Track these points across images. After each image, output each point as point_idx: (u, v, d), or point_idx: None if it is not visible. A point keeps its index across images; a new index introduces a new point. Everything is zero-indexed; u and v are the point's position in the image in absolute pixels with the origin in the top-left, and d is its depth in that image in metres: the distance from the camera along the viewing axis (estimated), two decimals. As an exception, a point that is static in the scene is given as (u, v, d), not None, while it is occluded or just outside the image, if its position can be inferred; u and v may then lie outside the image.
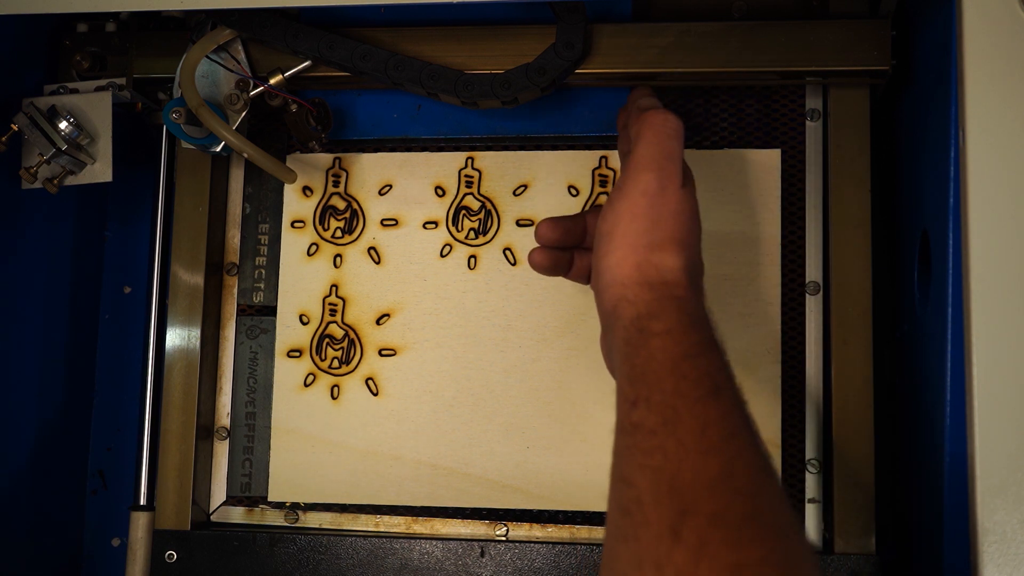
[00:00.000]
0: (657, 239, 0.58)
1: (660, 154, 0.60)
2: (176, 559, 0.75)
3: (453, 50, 0.74)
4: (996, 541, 0.56)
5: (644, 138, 0.61)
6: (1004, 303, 0.57)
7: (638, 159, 0.60)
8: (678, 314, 0.55)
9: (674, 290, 0.57)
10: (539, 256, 0.67)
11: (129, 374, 0.91)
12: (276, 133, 0.81)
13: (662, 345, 0.54)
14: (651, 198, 0.59)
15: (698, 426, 0.50)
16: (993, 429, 0.56)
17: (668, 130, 0.61)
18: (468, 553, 0.73)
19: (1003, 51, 0.58)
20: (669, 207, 0.59)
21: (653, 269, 0.57)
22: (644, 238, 0.58)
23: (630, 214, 0.59)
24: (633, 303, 0.56)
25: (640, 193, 0.59)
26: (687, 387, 0.52)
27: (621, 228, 0.59)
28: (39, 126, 0.75)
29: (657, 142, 0.60)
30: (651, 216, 0.59)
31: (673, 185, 0.60)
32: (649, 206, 0.59)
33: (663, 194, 0.59)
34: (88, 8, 0.66)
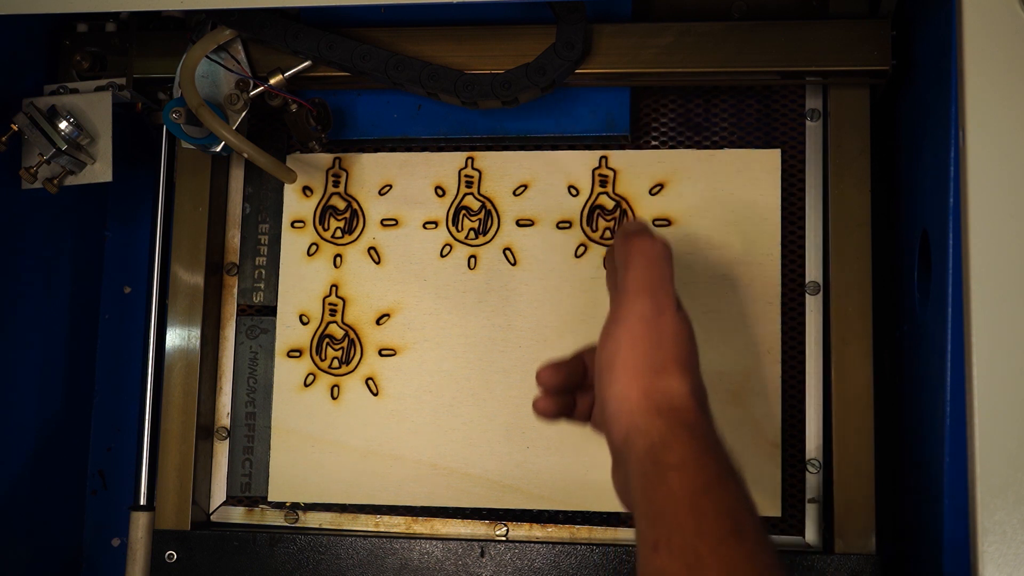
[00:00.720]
0: (660, 363, 0.56)
1: (652, 278, 0.59)
2: (176, 559, 0.75)
3: (453, 50, 0.74)
4: (996, 541, 0.56)
5: (634, 263, 0.59)
6: (1004, 303, 0.57)
7: (630, 285, 0.59)
8: (691, 442, 0.54)
9: (685, 416, 0.55)
10: (545, 405, 0.64)
11: (129, 374, 0.91)
12: (276, 133, 0.81)
13: (678, 479, 0.52)
14: (649, 322, 0.57)
15: (724, 571, 0.49)
16: (993, 429, 0.56)
17: (656, 254, 0.59)
18: (468, 553, 0.73)
19: (1003, 51, 0.58)
20: (668, 330, 0.57)
21: (661, 395, 0.56)
22: (647, 363, 0.56)
23: (630, 340, 0.57)
24: (645, 433, 0.54)
25: (637, 318, 0.57)
26: (708, 526, 0.50)
27: (622, 356, 0.57)
28: (39, 126, 0.75)
29: (647, 266, 0.59)
30: (651, 340, 0.57)
31: (669, 308, 0.58)
32: (648, 330, 0.57)
33: (660, 317, 0.57)
34: (88, 8, 0.66)
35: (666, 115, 0.78)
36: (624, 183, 0.77)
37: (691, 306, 0.74)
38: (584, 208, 0.77)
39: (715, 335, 0.74)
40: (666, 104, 0.78)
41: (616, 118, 0.76)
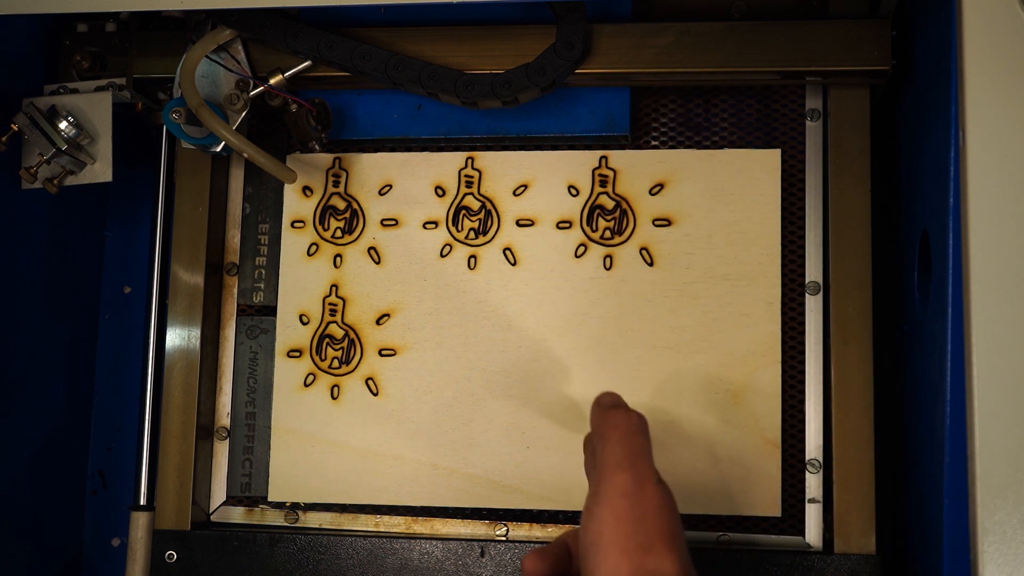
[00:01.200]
0: (646, 540, 0.54)
1: (631, 452, 0.57)
2: (176, 559, 0.75)
3: (453, 50, 0.74)
4: (996, 541, 0.56)
5: (611, 439, 0.58)
6: (1004, 303, 0.57)
7: (609, 460, 0.57)
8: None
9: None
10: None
11: (129, 374, 0.91)
12: (276, 133, 0.81)
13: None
14: (631, 498, 0.55)
15: None
16: (993, 429, 0.56)
17: (632, 427, 0.58)
18: (468, 553, 0.73)
19: (1003, 51, 0.58)
20: (651, 504, 0.55)
21: (652, 575, 0.54)
22: (633, 541, 0.54)
23: (613, 518, 0.55)
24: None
25: (619, 495, 0.55)
26: None
27: (607, 535, 0.54)
28: (39, 126, 0.75)
29: (624, 440, 0.58)
30: (635, 516, 0.55)
31: (649, 481, 0.56)
32: (631, 506, 0.55)
33: (642, 491, 0.56)
34: (88, 8, 0.66)
35: (666, 115, 0.78)
36: (624, 183, 0.77)
37: (691, 306, 0.75)
38: (584, 208, 0.77)
39: (715, 335, 0.74)
40: (666, 104, 0.78)
41: (616, 118, 0.76)
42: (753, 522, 0.73)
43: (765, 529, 0.73)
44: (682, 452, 0.73)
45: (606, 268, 0.76)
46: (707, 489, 0.73)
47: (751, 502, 0.73)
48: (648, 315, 0.75)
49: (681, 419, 0.74)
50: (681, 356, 0.74)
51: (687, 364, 0.74)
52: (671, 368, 0.74)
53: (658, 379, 0.74)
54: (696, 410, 0.74)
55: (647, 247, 0.76)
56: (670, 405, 0.74)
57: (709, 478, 0.73)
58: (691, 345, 0.74)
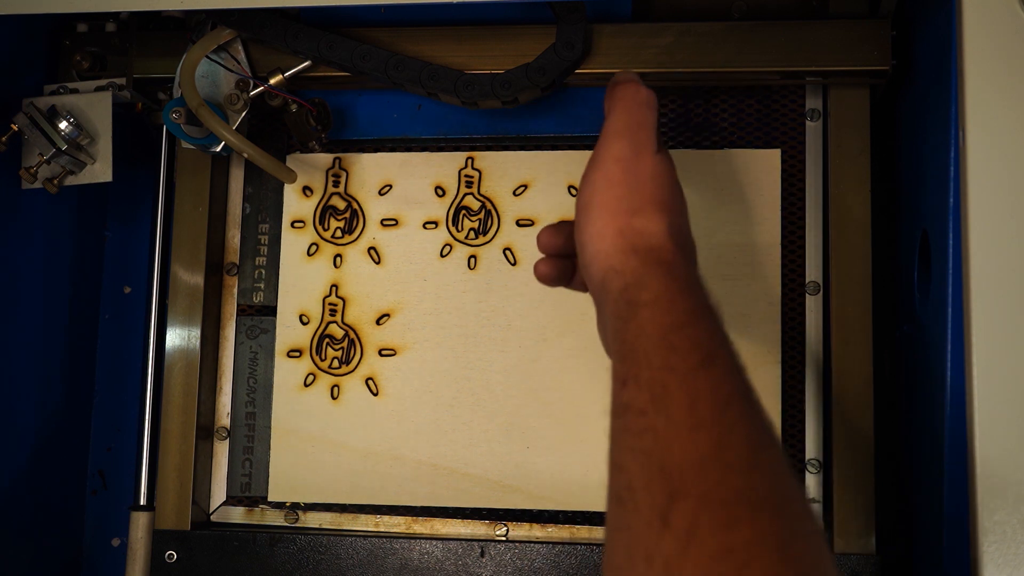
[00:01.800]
0: (637, 204, 0.56)
1: (631, 122, 0.59)
2: (176, 559, 0.75)
3: (453, 50, 0.74)
4: (996, 541, 0.56)
5: (615, 109, 0.59)
6: (1004, 303, 0.57)
7: (609, 128, 0.59)
8: (666, 280, 0.53)
9: (660, 254, 0.54)
10: (544, 267, 0.64)
11: (129, 374, 0.91)
12: (276, 133, 0.81)
13: (650, 316, 0.51)
14: (625, 163, 0.57)
15: (688, 401, 0.47)
16: (993, 429, 0.56)
17: (639, 100, 0.60)
18: (468, 553, 0.73)
19: (1003, 51, 0.58)
20: (645, 171, 0.57)
21: (636, 234, 0.55)
22: (623, 204, 0.56)
23: (606, 181, 0.57)
24: (620, 272, 0.54)
25: (613, 160, 0.57)
26: (677, 359, 0.49)
27: (599, 197, 0.56)
28: (39, 126, 0.75)
29: (628, 111, 0.59)
30: (628, 182, 0.56)
31: (647, 150, 0.58)
32: (624, 172, 0.57)
33: (637, 159, 0.57)
34: (88, 8, 0.66)
35: (666, 115, 0.78)
36: (624, 183, 0.77)
37: (691, 306, 0.74)
38: (584, 208, 0.77)
39: (715, 335, 0.74)
40: (666, 104, 0.78)
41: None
42: (753, 522, 0.73)
43: (765, 529, 0.73)
44: (682, 452, 0.73)
45: None
46: (707, 489, 0.73)
47: (751, 502, 0.72)
48: (648, 315, 0.75)
49: (681, 419, 0.74)
50: (681, 356, 0.74)
51: (687, 364, 0.74)
52: None
53: (658, 379, 0.74)
54: (696, 410, 0.74)
55: (647, 247, 0.76)
56: (670, 405, 0.74)
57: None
58: (691, 345, 0.74)
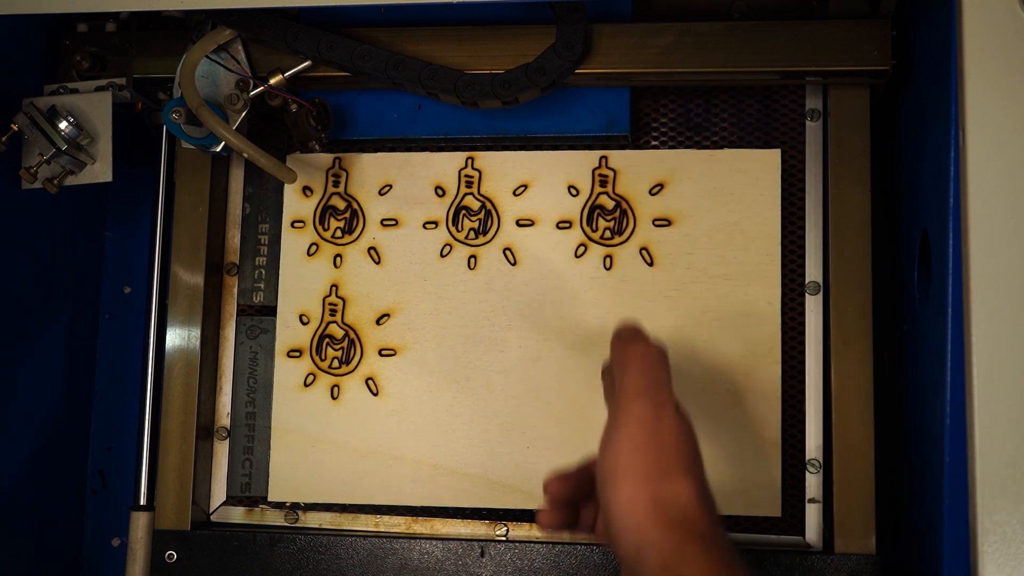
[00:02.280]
0: (665, 467, 0.55)
1: (649, 382, 0.57)
2: (176, 559, 0.75)
3: (453, 50, 0.74)
4: (996, 541, 0.56)
5: (630, 368, 0.58)
6: (1004, 303, 0.57)
7: (627, 389, 0.57)
8: (707, 558, 0.52)
9: (696, 526, 0.53)
10: (549, 519, 0.62)
11: (129, 374, 0.91)
12: (276, 133, 0.81)
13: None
14: (649, 425, 0.56)
15: None
16: (993, 429, 0.56)
17: (652, 358, 0.59)
18: (468, 553, 0.73)
19: (1003, 51, 0.58)
20: (670, 433, 0.56)
21: (669, 503, 0.54)
22: (652, 468, 0.55)
23: (631, 445, 0.55)
24: (659, 547, 0.52)
25: (637, 422, 0.56)
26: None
27: (624, 461, 0.55)
28: (39, 126, 0.75)
29: (643, 371, 0.58)
30: (654, 444, 0.55)
31: (668, 411, 0.57)
32: (650, 434, 0.55)
33: (660, 420, 0.56)
34: (88, 8, 0.66)
35: (666, 115, 0.78)
36: (624, 183, 0.77)
37: (691, 306, 0.75)
38: (584, 208, 0.77)
39: (715, 335, 0.74)
40: (666, 104, 0.78)
41: (616, 118, 0.76)
42: (753, 522, 0.73)
43: (765, 529, 0.73)
44: (682, 452, 0.73)
45: (606, 268, 0.76)
46: (707, 489, 0.73)
47: (751, 502, 0.73)
48: (648, 315, 0.75)
49: (681, 419, 0.74)
50: (681, 356, 0.74)
51: (687, 364, 0.74)
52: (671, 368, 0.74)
53: (658, 379, 0.74)
54: (696, 410, 0.73)
55: (647, 247, 0.76)
56: (670, 405, 0.74)
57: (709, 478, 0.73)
58: (691, 345, 0.74)
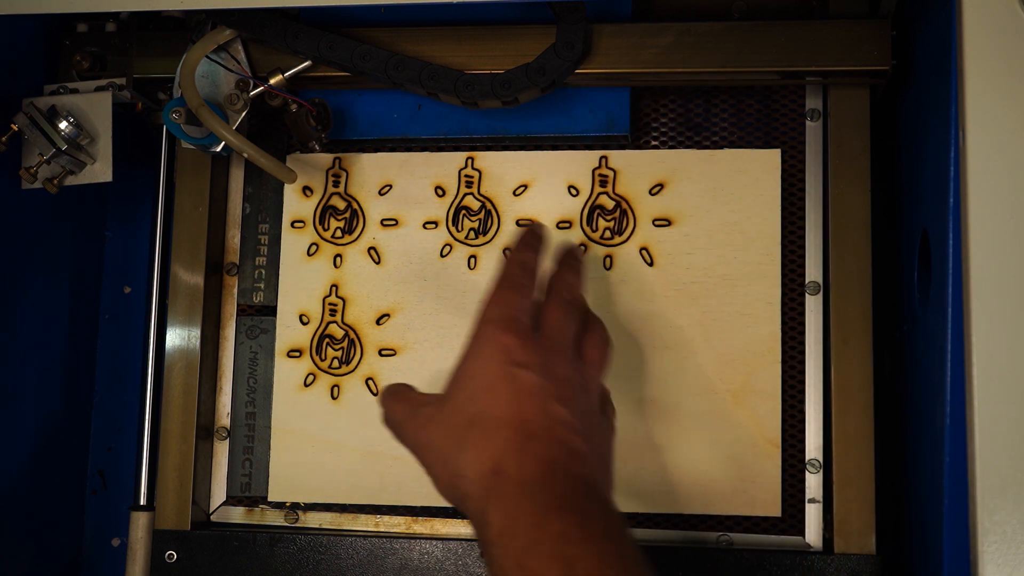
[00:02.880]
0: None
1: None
2: (176, 559, 0.75)
3: (453, 50, 0.74)
4: (996, 541, 0.56)
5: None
6: (1004, 303, 0.57)
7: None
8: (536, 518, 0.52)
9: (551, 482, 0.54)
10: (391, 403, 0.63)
11: (129, 374, 0.91)
12: (276, 133, 0.81)
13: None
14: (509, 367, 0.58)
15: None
16: (993, 429, 0.56)
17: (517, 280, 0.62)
18: (468, 553, 0.73)
19: (1003, 51, 0.58)
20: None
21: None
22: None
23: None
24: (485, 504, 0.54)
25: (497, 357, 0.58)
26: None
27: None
28: (39, 126, 0.75)
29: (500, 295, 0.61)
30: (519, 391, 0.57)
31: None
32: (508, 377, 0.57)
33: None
34: (88, 8, 0.66)
35: (666, 115, 0.78)
36: (624, 183, 0.77)
37: (691, 306, 0.75)
38: (584, 208, 0.77)
39: (715, 335, 0.74)
40: (666, 104, 0.78)
41: (616, 118, 0.76)
42: (753, 522, 0.73)
43: (765, 529, 0.73)
44: (682, 452, 0.73)
45: (606, 268, 0.76)
46: (707, 489, 0.73)
47: (751, 502, 0.73)
48: (648, 315, 0.75)
49: (681, 419, 0.74)
50: (681, 356, 0.74)
51: (687, 364, 0.74)
52: (671, 368, 0.74)
53: (658, 379, 0.74)
54: (696, 410, 0.74)
55: (647, 247, 0.76)
56: (670, 405, 0.74)
57: (709, 478, 0.73)
58: (691, 345, 0.74)
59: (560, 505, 0.51)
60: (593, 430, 0.58)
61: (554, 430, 0.54)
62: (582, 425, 0.56)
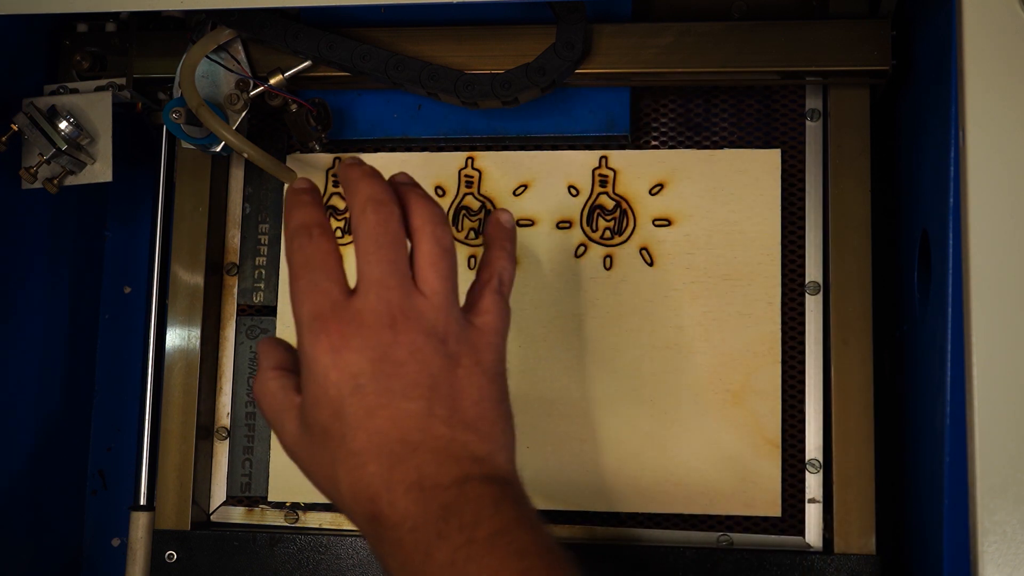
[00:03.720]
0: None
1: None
2: (176, 559, 0.75)
3: (453, 50, 0.74)
4: (996, 541, 0.56)
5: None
6: (1004, 303, 0.57)
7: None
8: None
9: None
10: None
11: (129, 374, 0.91)
12: (276, 133, 0.81)
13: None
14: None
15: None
16: (993, 429, 0.56)
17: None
18: (468, 553, 0.73)
19: (1003, 51, 0.58)
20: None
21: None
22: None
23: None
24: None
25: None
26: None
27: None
28: (39, 126, 0.75)
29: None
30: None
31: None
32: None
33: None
34: (88, 8, 0.66)
35: (666, 115, 0.78)
36: (624, 183, 0.77)
37: (691, 306, 0.75)
38: (584, 208, 0.77)
39: (715, 335, 0.74)
40: (666, 104, 0.78)
41: (616, 118, 0.76)
42: (753, 522, 0.73)
43: (765, 529, 0.73)
44: (682, 452, 0.73)
45: (606, 268, 0.76)
46: (707, 489, 0.73)
47: (751, 502, 0.73)
48: (648, 315, 0.75)
49: (681, 419, 0.74)
50: (681, 356, 0.74)
51: (687, 364, 0.74)
52: (671, 368, 0.74)
53: (658, 379, 0.74)
54: (696, 410, 0.74)
55: (647, 247, 0.76)
56: (670, 405, 0.74)
57: (709, 478, 0.73)
58: (691, 345, 0.74)
59: (439, 531, 0.48)
60: (460, 390, 0.53)
61: (412, 439, 0.51)
62: (443, 400, 0.52)
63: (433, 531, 0.48)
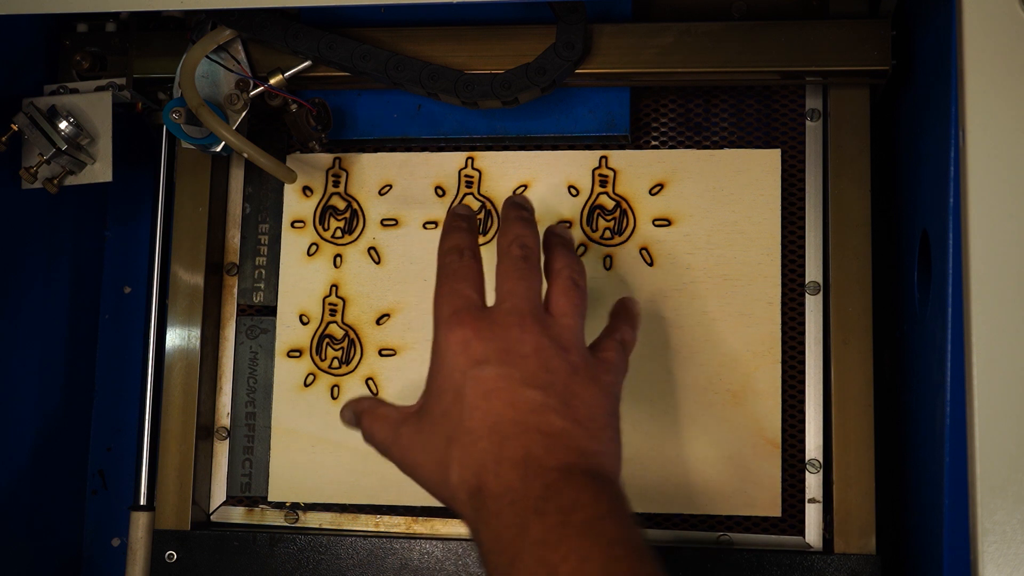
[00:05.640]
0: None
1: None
2: (176, 559, 0.75)
3: (453, 50, 0.74)
4: (996, 541, 0.56)
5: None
6: (1004, 303, 0.57)
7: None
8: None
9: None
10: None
11: (129, 374, 0.91)
12: (276, 133, 0.81)
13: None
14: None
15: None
16: (993, 429, 0.56)
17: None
18: (468, 553, 0.73)
19: (1003, 51, 0.58)
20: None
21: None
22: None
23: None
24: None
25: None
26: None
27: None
28: (39, 126, 0.75)
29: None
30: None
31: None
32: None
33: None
34: (88, 8, 0.66)
35: (666, 115, 0.78)
36: (624, 183, 0.77)
37: (691, 306, 0.75)
38: (584, 208, 0.77)
39: (715, 335, 0.74)
40: (666, 104, 0.78)
41: (616, 118, 0.76)
42: (753, 522, 0.73)
43: (765, 529, 0.73)
44: (682, 452, 0.73)
45: (606, 268, 0.76)
46: (707, 489, 0.73)
47: (751, 502, 0.73)
48: (648, 315, 0.75)
49: (681, 419, 0.74)
50: (681, 356, 0.74)
51: (687, 364, 0.74)
52: (671, 368, 0.74)
53: (658, 379, 0.74)
54: (696, 410, 0.74)
55: (647, 247, 0.76)
56: (670, 405, 0.74)
57: (709, 478, 0.73)
58: (691, 345, 0.74)
59: (537, 507, 0.50)
60: (575, 393, 0.55)
61: (526, 421, 0.53)
62: (559, 396, 0.54)
63: (531, 507, 0.50)
